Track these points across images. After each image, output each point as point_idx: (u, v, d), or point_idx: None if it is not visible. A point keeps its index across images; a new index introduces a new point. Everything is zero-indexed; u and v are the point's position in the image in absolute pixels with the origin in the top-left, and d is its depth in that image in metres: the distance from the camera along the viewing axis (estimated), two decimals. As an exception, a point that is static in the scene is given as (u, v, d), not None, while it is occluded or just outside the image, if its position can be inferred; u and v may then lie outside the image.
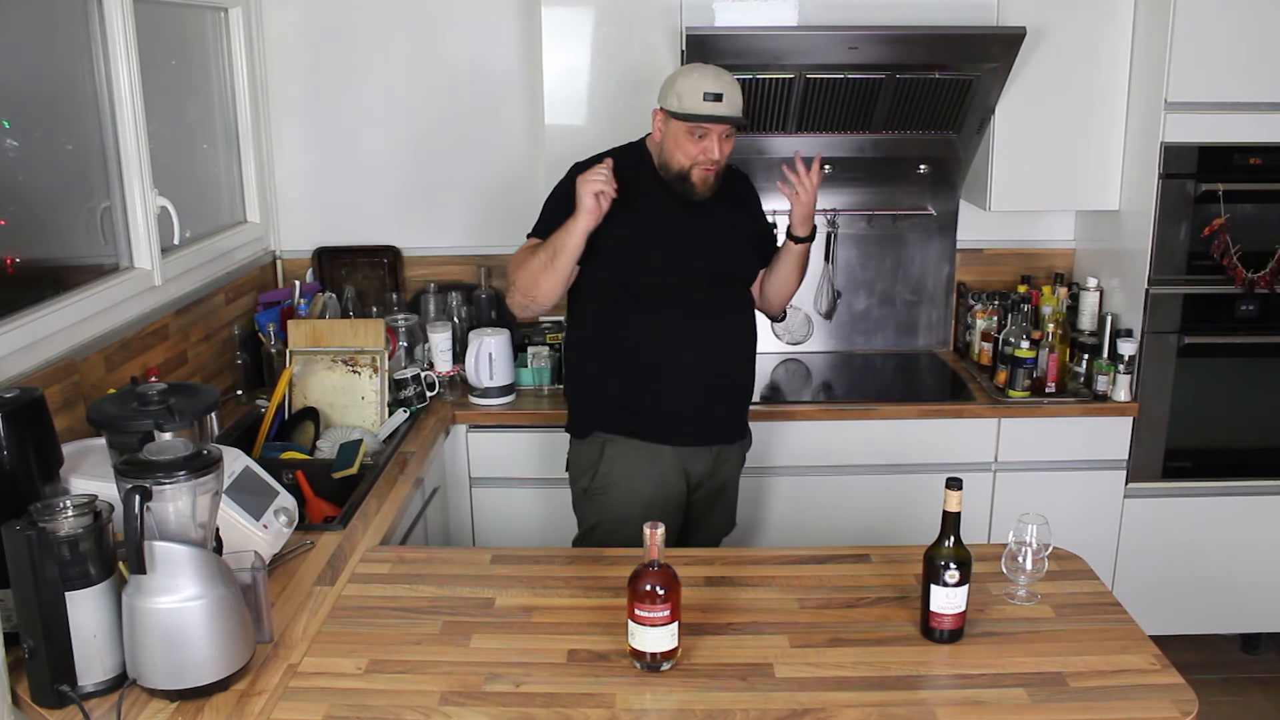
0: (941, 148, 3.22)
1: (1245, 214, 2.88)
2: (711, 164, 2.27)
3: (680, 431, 2.39)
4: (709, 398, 2.40)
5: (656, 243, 2.32)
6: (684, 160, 2.27)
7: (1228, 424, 3.06)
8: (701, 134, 2.24)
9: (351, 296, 3.24)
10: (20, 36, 2.21)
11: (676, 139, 2.27)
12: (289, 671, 1.59)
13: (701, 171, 2.28)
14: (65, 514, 1.50)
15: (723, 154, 2.27)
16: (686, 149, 2.26)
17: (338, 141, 3.31)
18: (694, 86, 2.22)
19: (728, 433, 2.47)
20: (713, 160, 2.26)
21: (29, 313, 2.10)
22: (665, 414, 2.37)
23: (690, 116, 2.22)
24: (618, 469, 2.39)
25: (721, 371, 2.40)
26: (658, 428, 2.37)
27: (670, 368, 2.35)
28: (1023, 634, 1.69)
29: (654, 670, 1.58)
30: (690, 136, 2.25)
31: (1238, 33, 2.77)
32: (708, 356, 2.36)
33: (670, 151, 2.30)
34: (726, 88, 2.23)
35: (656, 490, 2.38)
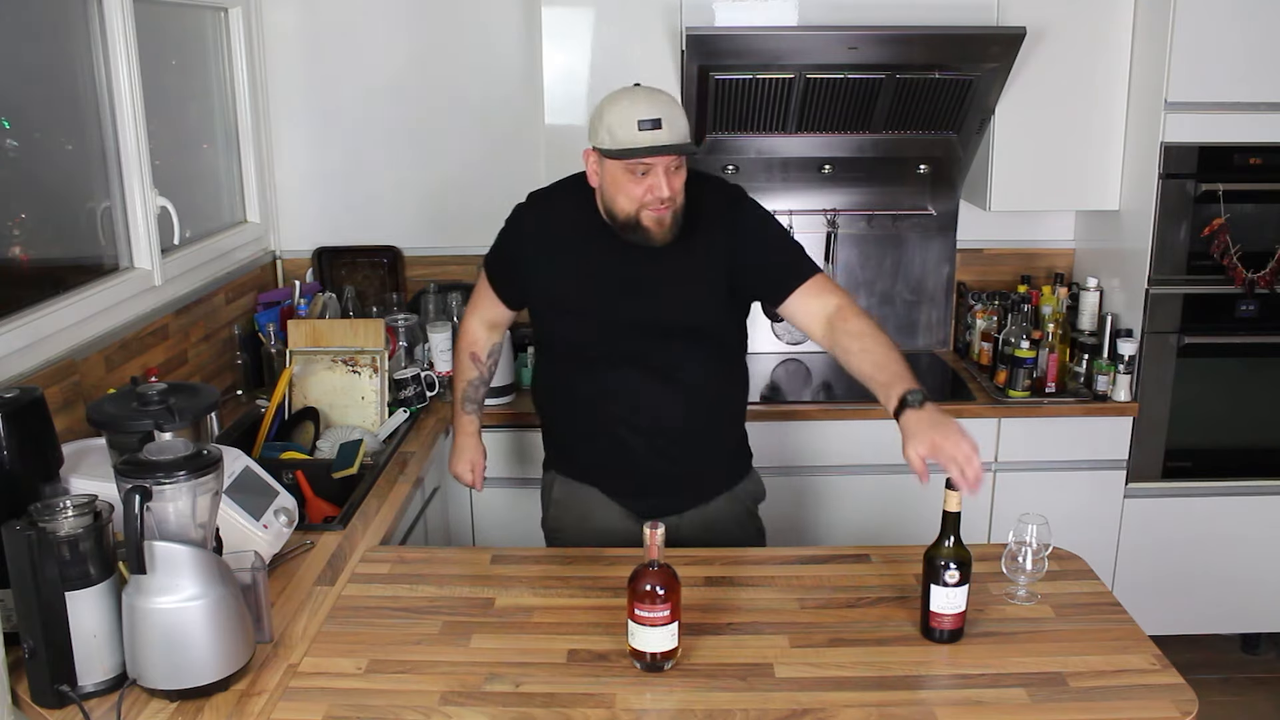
0: (941, 148, 3.22)
1: (1245, 214, 2.88)
2: (663, 203, 1.91)
3: (627, 490, 2.18)
4: (646, 464, 2.12)
5: (589, 298, 2.05)
6: (629, 205, 1.92)
7: (1228, 424, 3.06)
8: (644, 170, 1.88)
9: (351, 296, 3.24)
10: (20, 36, 2.21)
11: (616, 181, 1.91)
12: (289, 671, 1.59)
13: (653, 214, 1.92)
14: (65, 514, 1.50)
15: (673, 189, 1.91)
16: (630, 191, 1.90)
17: (338, 141, 3.31)
18: (625, 116, 1.86)
19: (681, 498, 2.17)
20: (662, 199, 1.90)
21: (29, 313, 2.10)
22: (612, 471, 2.16)
23: (627, 153, 1.86)
24: (568, 513, 2.24)
25: (670, 432, 2.10)
26: (605, 481, 2.18)
27: (612, 426, 2.10)
28: (1023, 634, 1.69)
29: (654, 670, 1.58)
30: (632, 176, 1.89)
31: (1238, 33, 2.77)
32: (654, 415, 2.08)
33: (612, 197, 1.94)
34: (664, 110, 1.87)
35: (608, 536, 2.16)
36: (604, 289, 2.05)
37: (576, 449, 2.24)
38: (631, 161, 1.88)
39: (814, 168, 3.28)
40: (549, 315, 2.16)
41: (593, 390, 2.12)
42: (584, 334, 2.09)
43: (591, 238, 2.04)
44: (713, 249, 2.03)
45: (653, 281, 2.03)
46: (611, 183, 1.94)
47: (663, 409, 2.09)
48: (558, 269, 2.08)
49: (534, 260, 2.12)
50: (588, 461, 2.22)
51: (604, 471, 2.19)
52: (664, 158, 1.88)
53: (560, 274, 2.08)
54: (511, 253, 2.17)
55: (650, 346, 2.06)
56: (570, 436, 2.24)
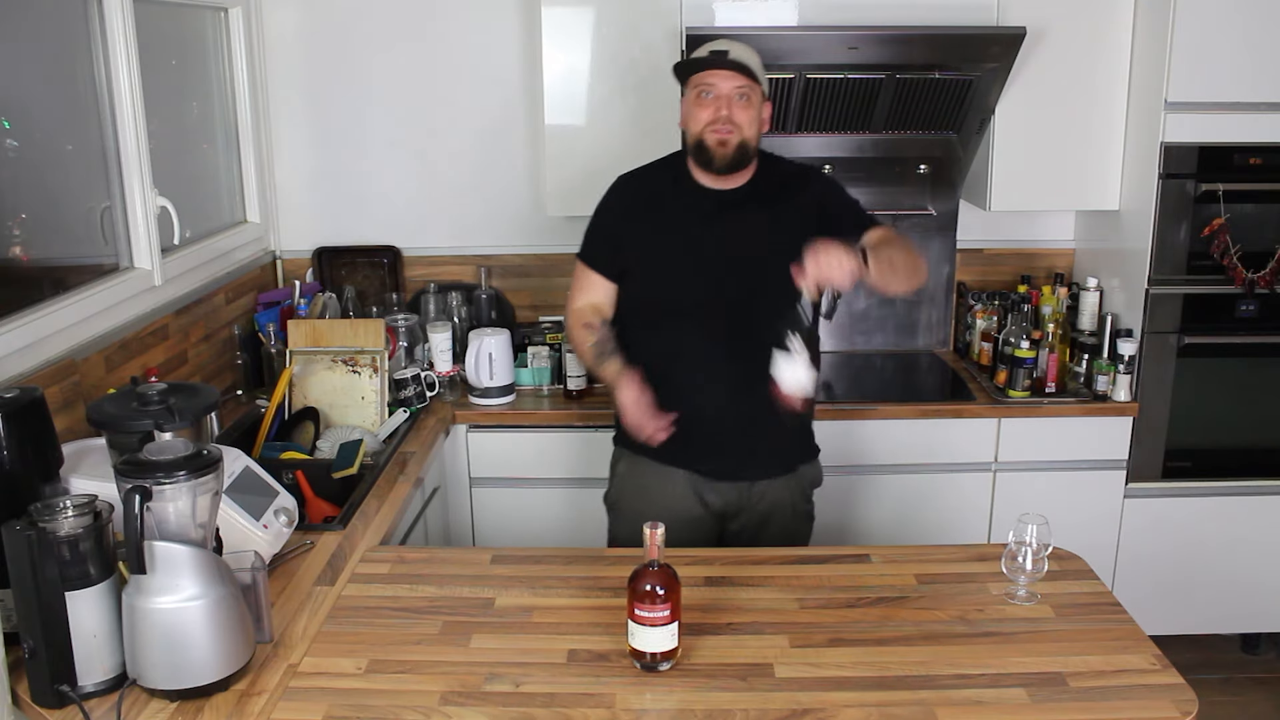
0: (941, 148, 3.22)
1: (1245, 214, 2.88)
2: (726, 126, 2.10)
3: (694, 460, 2.25)
4: (727, 428, 2.22)
5: (673, 261, 2.19)
6: (696, 127, 2.13)
7: (1228, 424, 3.06)
8: (708, 93, 2.11)
9: (351, 296, 3.24)
10: (20, 36, 2.21)
11: (688, 108, 2.15)
12: (289, 671, 1.59)
13: (715, 134, 2.11)
14: (65, 514, 1.50)
15: (737, 115, 2.10)
16: (697, 114, 2.13)
17: (338, 141, 3.31)
18: (701, 50, 2.14)
19: (753, 468, 2.27)
20: (724, 120, 2.10)
21: (29, 313, 2.10)
22: (678, 439, 2.18)
23: (690, 64, 2.12)
24: (629, 486, 2.34)
25: (744, 399, 2.17)
26: (669, 451, 2.21)
27: (683, 391, 2.18)
28: (1023, 634, 1.69)
29: (654, 670, 1.58)
30: (700, 100, 2.12)
31: (1238, 33, 2.77)
32: (727, 382, 2.18)
33: (687, 124, 2.17)
34: (733, 46, 2.11)
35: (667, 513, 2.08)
36: (686, 251, 2.18)
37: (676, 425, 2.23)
38: (699, 87, 2.11)
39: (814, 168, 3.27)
40: (642, 275, 2.23)
41: (667, 353, 2.19)
42: (665, 293, 2.21)
43: (677, 206, 2.21)
44: (801, 207, 2.20)
45: (734, 245, 2.17)
46: (686, 110, 2.16)
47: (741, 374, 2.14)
48: (652, 227, 2.21)
49: (629, 224, 2.24)
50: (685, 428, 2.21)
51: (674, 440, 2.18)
52: (726, 84, 2.09)
53: (655, 230, 2.20)
54: (608, 221, 2.28)
55: (730, 310, 2.16)
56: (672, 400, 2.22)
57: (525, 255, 3.36)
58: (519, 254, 3.36)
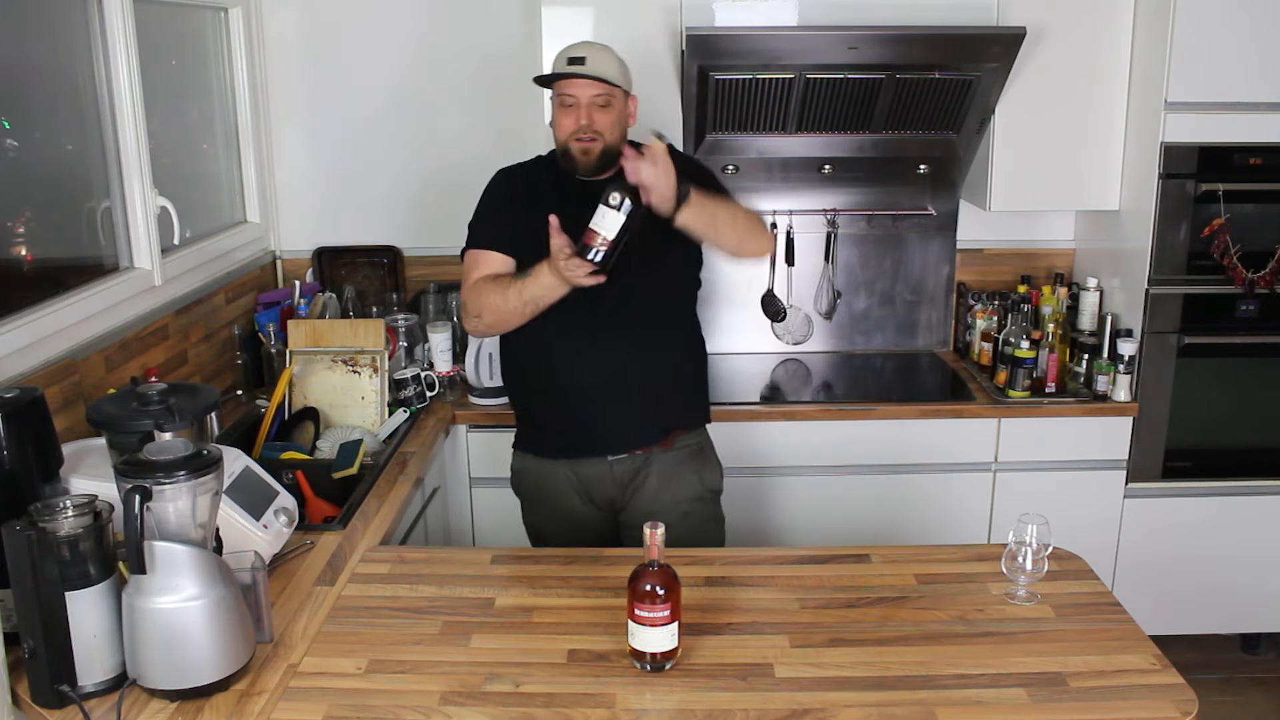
0: (941, 148, 3.22)
1: (1245, 214, 2.88)
2: (588, 135, 2.15)
3: (569, 446, 2.31)
4: (595, 403, 2.26)
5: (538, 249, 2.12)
6: (561, 136, 2.19)
7: (1228, 424, 3.06)
8: (569, 102, 2.14)
9: (351, 296, 3.24)
10: (20, 35, 2.21)
11: (555, 116, 2.20)
12: (289, 671, 1.59)
13: (578, 144, 2.16)
14: (65, 514, 1.50)
15: (597, 123, 2.14)
16: (561, 122, 2.18)
17: (338, 141, 3.31)
18: (560, 55, 2.18)
19: (619, 440, 2.29)
20: (583, 128, 2.14)
21: (29, 313, 2.10)
22: (552, 425, 2.33)
23: (547, 77, 2.17)
24: (524, 484, 2.43)
25: (614, 376, 2.24)
26: (547, 440, 2.35)
27: (554, 374, 2.27)
28: (1023, 634, 1.69)
29: (654, 670, 1.58)
30: (563, 109, 2.16)
31: (1238, 33, 2.77)
32: (598, 361, 2.23)
33: (554, 131, 2.22)
34: (590, 52, 2.14)
35: (559, 509, 2.36)
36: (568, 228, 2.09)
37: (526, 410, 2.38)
38: (558, 93, 2.16)
39: (814, 168, 3.28)
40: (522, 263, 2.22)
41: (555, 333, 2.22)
42: None
43: (559, 194, 2.23)
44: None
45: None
46: (554, 119, 2.21)
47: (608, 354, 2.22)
48: (530, 215, 2.17)
49: (513, 211, 2.28)
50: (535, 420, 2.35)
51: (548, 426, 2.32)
52: (585, 93, 2.14)
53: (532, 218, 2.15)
54: (494, 209, 2.33)
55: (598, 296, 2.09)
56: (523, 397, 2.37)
57: (525, 255, 3.36)
58: (519, 254, 3.35)
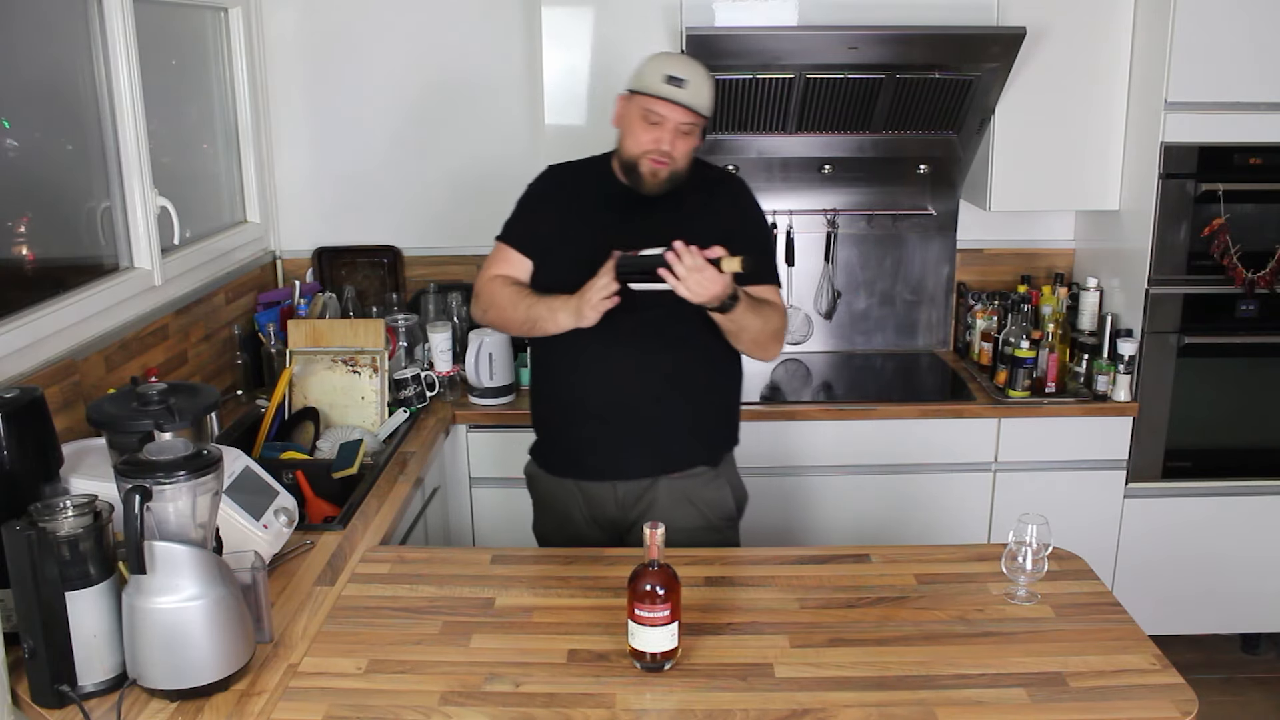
0: (941, 148, 3.22)
1: (1245, 214, 2.88)
2: (663, 157, 2.06)
3: (577, 464, 2.24)
4: (608, 423, 2.17)
5: (577, 251, 2.11)
6: (634, 148, 2.08)
7: (1228, 424, 3.06)
8: (655, 120, 2.04)
9: (351, 296, 3.24)
10: (20, 36, 2.21)
11: (631, 122, 2.08)
12: (289, 671, 1.59)
13: (650, 163, 2.07)
14: (65, 514, 1.50)
15: (677, 149, 2.06)
16: (639, 135, 2.07)
17: (338, 141, 3.31)
18: (659, 67, 2.05)
19: (633, 464, 2.19)
20: (663, 153, 2.05)
21: (29, 313, 2.10)
22: (567, 444, 2.25)
23: (644, 94, 2.04)
24: (534, 490, 2.38)
25: (631, 402, 2.16)
26: (554, 456, 2.28)
27: (574, 392, 2.20)
28: (1023, 634, 1.69)
29: (654, 670, 1.58)
30: (644, 122, 2.05)
31: (1238, 33, 2.77)
32: (613, 378, 2.15)
33: (624, 138, 2.11)
34: (693, 76, 2.04)
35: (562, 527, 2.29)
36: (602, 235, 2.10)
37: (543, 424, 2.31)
38: (647, 108, 2.05)
39: (814, 168, 3.28)
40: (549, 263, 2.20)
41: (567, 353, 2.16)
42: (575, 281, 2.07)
43: (603, 199, 2.18)
44: (714, 220, 2.16)
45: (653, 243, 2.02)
46: (628, 124, 2.10)
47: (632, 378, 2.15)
48: (567, 216, 2.20)
49: (548, 210, 2.24)
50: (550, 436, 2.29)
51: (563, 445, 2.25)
52: (675, 117, 2.04)
53: (568, 219, 2.19)
54: (532, 203, 2.28)
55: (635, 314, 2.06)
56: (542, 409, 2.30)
57: (525, 255, 3.36)
58: (519, 254, 3.35)
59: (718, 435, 2.30)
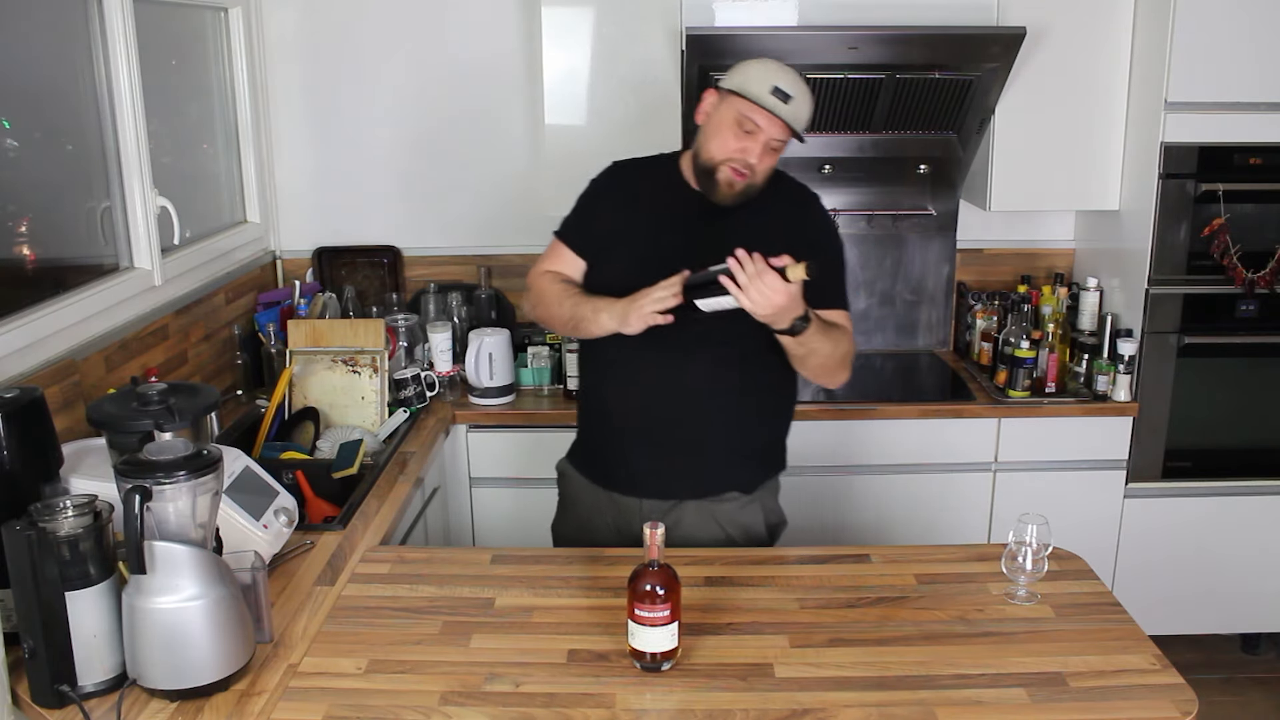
0: (941, 148, 3.22)
1: (1245, 214, 2.88)
2: (745, 169, 1.96)
3: (609, 474, 2.18)
4: (645, 438, 2.10)
5: (639, 253, 2.05)
6: (718, 153, 1.97)
7: (1228, 424, 3.06)
8: (750, 129, 1.94)
9: (351, 296, 3.24)
10: (20, 36, 2.21)
11: (721, 125, 1.97)
12: (289, 671, 1.59)
13: (730, 172, 1.97)
14: (65, 514, 1.50)
15: (761, 164, 1.98)
16: (726, 140, 1.96)
17: (338, 141, 3.31)
18: (767, 75, 1.93)
19: (663, 484, 2.12)
20: (748, 165, 1.96)
21: (29, 313, 2.10)
22: (600, 451, 2.19)
23: (748, 99, 1.92)
24: (563, 488, 2.31)
25: (666, 422, 2.08)
26: (592, 464, 2.21)
27: (608, 402, 2.14)
28: (1023, 634, 1.69)
29: (654, 670, 1.58)
30: (736, 128, 1.95)
31: (1238, 33, 2.77)
32: (657, 392, 2.07)
33: (708, 138, 2.00)
34: (799, 94, 1.94)
35: (586, 528, 2.22)
36: (668, 247, 2.02)
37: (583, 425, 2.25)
38: (744, 114, 1.94)
39: (814, 168, 3.28)
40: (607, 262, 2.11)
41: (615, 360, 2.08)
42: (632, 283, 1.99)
43: (668, 200, 2.10)
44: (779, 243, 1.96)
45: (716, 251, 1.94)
46: (717, 125, 1.99)
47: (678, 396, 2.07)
48: (631, 215, 2.11)
49: (610, 211, 2.15)
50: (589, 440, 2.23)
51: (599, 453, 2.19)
52: (771, 132, 1.95)
53: (632, 219, 2.11)
54: (592, 201, 2.19)
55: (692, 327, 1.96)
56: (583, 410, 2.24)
57: (525, 255, 3.35)
58: (519, 254, 3.35)
59: (759, 462, 2.21)
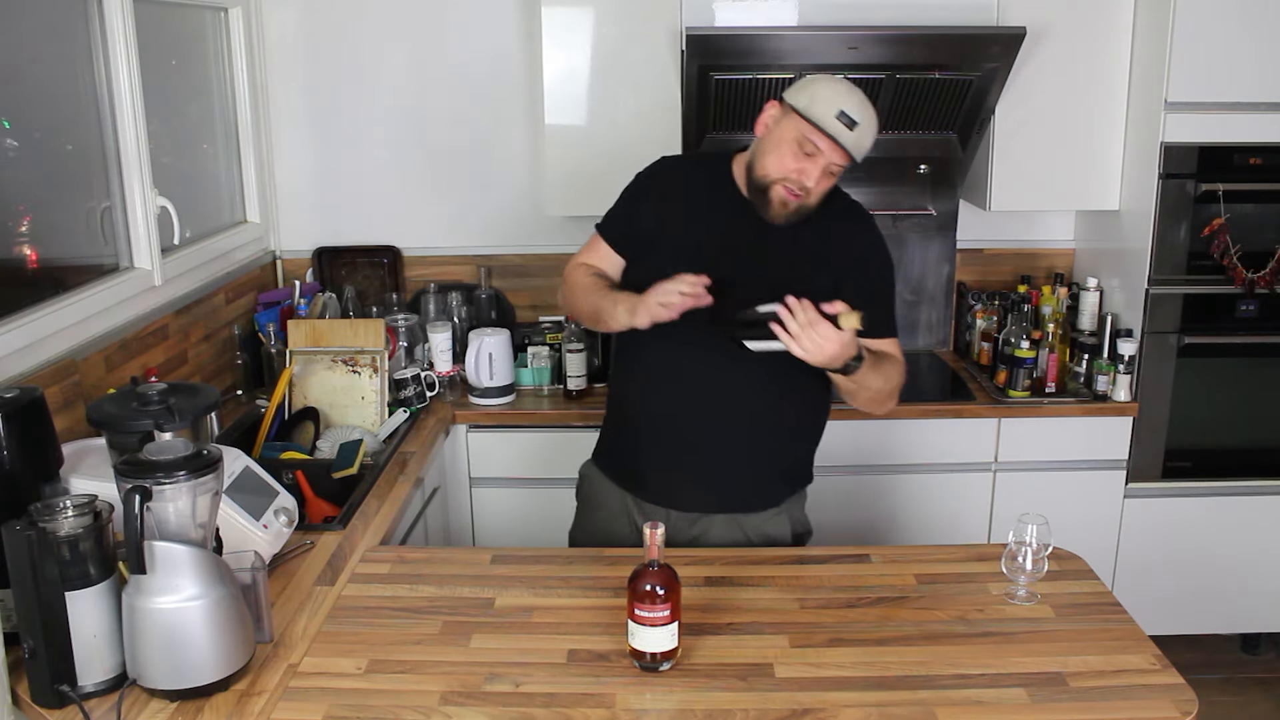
0: (941, 148, 3.22)
1: (1245, 214, 2.88)
2: (800, 190, 1.91)
3: (633, 478, 2.14)
4: (674, 448, 2.07)
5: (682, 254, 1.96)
6: (773, 170, 1.91)
7: (1228, 424, 3.06)
8: (810, 152, 1.89)
9: (351, 296, 3.24)
10: (20, 36, 2.21)
11: (780, 142, 1.91)
12: (289, 671, 1.59)
13: (784, 192, 1.91)
14: (65, 514, 1.50)
15: (818, 188, 1.92)
16: (784, 159, 1.90)
17: (338, 141, 3.31)
18: (834, 98, 1.87)
19: (685, 496, 2.09)
20: (803, 187, 1.90)
21: (29, 313, 2.10)
22: (629, 457, 2.14)
23: (812, 122, 1.87)
24: (585, 489, 2.26)
25: (697, 433, 2.04)
26: (615, 465, 2.18)
27: (638, 407, 2.10)
28: (1023, 634, 1.69)
29: (654, 670, 1.58)
30: (796, 148, 1.89)
31: (1238, 33, 2.77)
32: (690, 402, 2.03)
33: (765, 153, 1.93)
34: (865, 121, 1.88)
35: (603, 533, 2.17)
36: (710, 250, 1.98)
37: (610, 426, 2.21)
38: (807, 135, 1.88)
39: (814, 168, 3.27)
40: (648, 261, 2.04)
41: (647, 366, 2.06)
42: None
43: (715, 202, 2.05)
44: (827, 264, 2.01)
45: (760, 260, 1.98)
46: (776, 142, 1.93)
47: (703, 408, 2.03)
48: (677, 214, 2.06)
49: (653, 208, 2.09)
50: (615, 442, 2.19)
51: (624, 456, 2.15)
52: (832, 157, 1.90)
53: (677, 219, 2.05)
54: (636, 196, 2.13)
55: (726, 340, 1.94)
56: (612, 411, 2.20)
57: (525, 255, 3.36)
58: (519, 254, 3.36)
59: (788, 477, 2.18)
